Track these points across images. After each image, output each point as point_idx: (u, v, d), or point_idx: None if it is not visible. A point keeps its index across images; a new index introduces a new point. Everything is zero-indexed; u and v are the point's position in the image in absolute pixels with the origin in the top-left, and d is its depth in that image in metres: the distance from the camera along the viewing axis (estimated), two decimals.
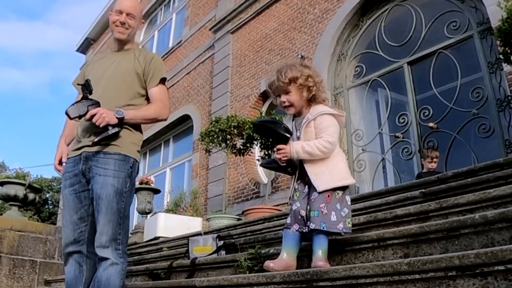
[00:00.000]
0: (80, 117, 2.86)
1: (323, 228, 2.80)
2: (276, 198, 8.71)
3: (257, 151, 8.38)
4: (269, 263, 2.90)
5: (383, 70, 8.41)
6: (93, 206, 2.89)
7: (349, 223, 2.90)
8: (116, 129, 2.87)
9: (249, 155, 8.67)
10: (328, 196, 2.89)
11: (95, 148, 2.92)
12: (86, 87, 2.92)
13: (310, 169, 2.96)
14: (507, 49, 5.17)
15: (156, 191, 9.89)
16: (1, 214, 9.10)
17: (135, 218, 13.77)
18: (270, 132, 3.09)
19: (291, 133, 3.03)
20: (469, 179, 3.60)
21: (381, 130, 8.49)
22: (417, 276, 1.92)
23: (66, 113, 2.88)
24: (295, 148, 2.94)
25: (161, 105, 3.14)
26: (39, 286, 7.75)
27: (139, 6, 3.44)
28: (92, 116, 2.78)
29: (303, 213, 2.92)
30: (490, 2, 6.53)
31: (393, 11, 8.55)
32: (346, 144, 8.54)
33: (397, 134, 7.96)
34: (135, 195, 9.95)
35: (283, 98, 3.06)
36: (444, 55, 7.53)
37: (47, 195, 31.04)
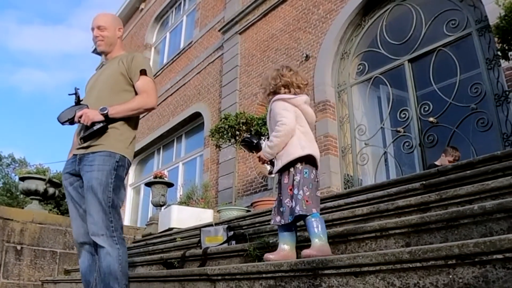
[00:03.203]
0: (69, 121, 3.03)
1: (289, 220, 2.92)
2: None
3: (264, 145, 8.37)
4: (268, 255, 2.94)
5: (385, 68, 8.39)
6: None
7: (304, 205, 2.89)
8: (101, 124, 2.96)
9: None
10: (289, 188, 2.97)
11: (85, 150, 3.05)
12: (75, 95, 3.10)
13: (275, 161, 3.12)
14: (504, 45, 5.14)
15: (169, 185, 9.92)
16: (23, 208, 9.16)
17: (150, 210, 13.86)
18: (248, 146, 3.37)
19: (259, 139, 3.38)
20: (468, 172, 3.58)
21: (383, 125, 8.47)
22: (418, 265, 1.91)
23: (57, 119, 3.02)
24: (263, 150, 3.17)
25: (145, 95, 3.19)
26: (59, 275, 7.80)
27: (110, 16, 3.52)
28: (80, 117, 2.95)
29: (275, 209, 3.11)
30: (488, 0, 6.49)
31: (394, 11, 8.52)
32: (349, 139, 8.55)
33: (398, 129, 7.94)
34: (149, 188, 10.02)
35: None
36: (443, 52, 7.50)
37: None
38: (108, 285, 2.80)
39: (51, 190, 9.03)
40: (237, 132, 7.94)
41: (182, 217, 8.09)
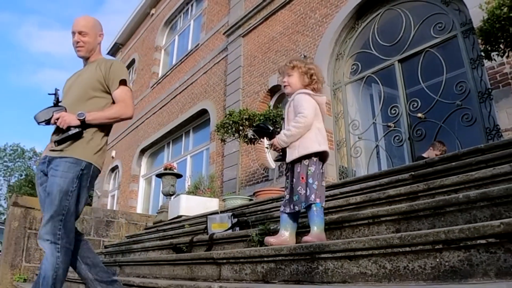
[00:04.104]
0: (46, 121, 2.80)
1: (303, 207, 2.92)
2: (283, 181, 8.54)
3: (265, 140, 8.39)
4: (269, 239, 2.96)
5: (377, 67, 8.36)
6: None
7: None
8: (77, 130, 2.76)
9: (259, 143, 8.69)
10: (302, 176, 2.98)
11: (55, 153, 2.82)
12: (54, 96, 2.88)
13: (287, 149, 3.09)
14: (487, 47, 5.13)
15: (178, 176, 9.93)
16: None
17: (160, 199, 13.89)
18: (262, 133, 3.37)
19: (273, 127, 3.30)
20: (453, 163, 3.57)
21: (375, 120, 8.46)
22: (407, 249, 1.90)
23: (34, 118, 2.81)
24: (279, 137, 3.10)
25: (123, 105, 2.96)
26: None
27: (91, 21, 3.20)
28: (56, 120, 2.75)
29: (287, 197, 3.10)
30: (472, 4, 6.48)
31: (385, 15, 8.49)
32: (344, 133, 8.55)
33: (389, 124, 7.93)
34: (159, 179, 10.03)
35: (285, 78, 3.27)
36: (431, 53, 7.48)
37: None
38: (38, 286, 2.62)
39: None
40: (241, 127, 7.95)
41: (190, 205, 8.11)
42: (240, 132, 7.98)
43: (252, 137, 7.88)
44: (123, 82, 3.01)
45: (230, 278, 2.97)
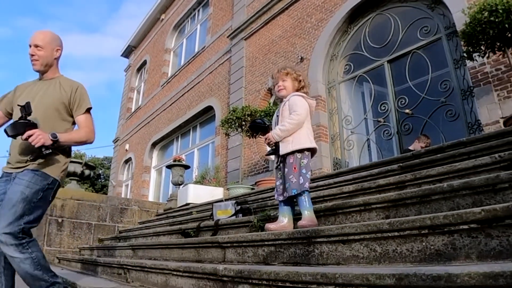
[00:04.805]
0: (17, 135, 2.58)
1: (294, 193, 2.98)
2: None
3: (275, 129, 8.38)
4: (269, 225, 2.99)
5: (368, 67, 8.34)
6: None
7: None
8: (50, 150, 2.61)
9: (260, 137, 8.67)
10: (294, 167, 3.06)
11: (21, 169, 2.67)
12: (25, 109, 2.58)
13: (281, 143, 3.17)
14: (470, 48, 5.11)
15: (186, 167, 9.94)
16: (63, 187, 9.20)
17: (170, 188, 13.91)
18: (257, 128, 3.42)
19: (269, 123, 3.38)
20: (438, 155, 3.56)
21: (366, 116, 8.44)
22: (396, 234, 1.90)
23: (5, 131, 2.58)
24: (273, 132, 3.20)
25: (88, 130, 2.87)
26: (94, 243, 7.85)
27: (49, 35, 2.93)
28: (29, 136, 2.52)
29: (281, 187, 3.14)
30: (455, 9, 6.45)
31: (376, 19, 8.45)
32: (338, 128, 8.54)
33: (379, 119, 7.92)
34: (169, 170, 10.04)
35: (280, 83, 3.37)
36: (417, 54, 7.45)
37: (100, 171, 31.36)
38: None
39: (87, 172, 9.08)
40: (243, 123, 7.94)
41: (197, 194, 8.11)
42: (243, 127, 7.97)
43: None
44: (88, 110, 2.93)
45: (234, 260, 2.97)
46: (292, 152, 3.09)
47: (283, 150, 3.13)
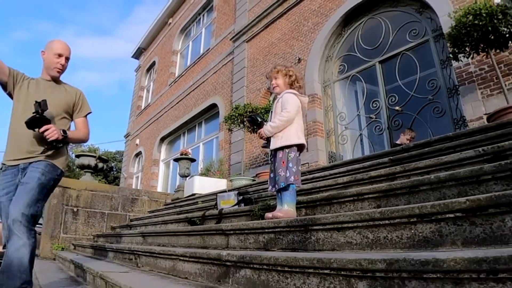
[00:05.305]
0: (34, 128, 2.63)
1: (282, 185, 3.00)
2: None
3: (266, 125, 8.38)
4: (268, 214, 2.98)
5: (360, 68, 8.31)
6: None
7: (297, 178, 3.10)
8: (61, 144, 2.77)
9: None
10: (283, 161, 3.07)
11: (32, 159, 2.70)
12: (41, 106, 2.63)
13: (272, 139, 3.18)
14: (455, 49, 5.10)
15: (192, 160, 9.95)
16: (78, 179, 9.22)
17: (177, 180, 13.91)
18: (253, 122, 3.40)
19: (262, 119, 3.36)
20: (426, 149, 3.55)
21: (359, 112, 8.43)
22: (386, 222, 1.89)
23: (26, 123, 2.60)
24: (265, 128, 3.21)
25: (87, 131, 3.04)
26: (107, 230, 7.86)
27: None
28: (45, 130, 2.61)
29: (274, 179, 3.15)
30: (442, 13, 6.43)
31: (368, 22, 8.42)
32: (332, 123, 8.53)
33: (371, 116, 7.90)
34: (176, 163, 10.04)
35: (273, 81, 3.36)
36: (407, 55, 7.43)
37: (112, 164, 31.35)
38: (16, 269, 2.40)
39: (100, 165, 9.08)
40: (245, 119, 7.93)
41: (202, 185, 8.12)
42: (245, 123, 7.97)
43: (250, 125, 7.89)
44: (87, 114, 3.09)
45: (237, 246, 2.97)
46: (281, 148, 3.11)
47: (273, 145, 3.15)
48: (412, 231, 1.80)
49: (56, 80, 3.00)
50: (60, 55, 2.92)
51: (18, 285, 2.32)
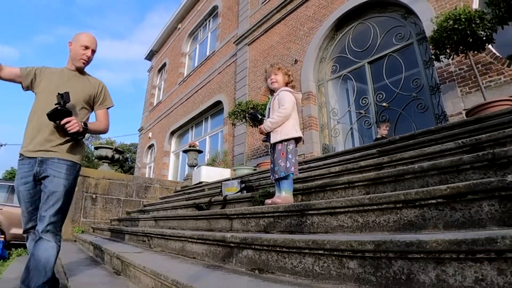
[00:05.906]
0: (55, 119, 2.41)
1: (282, 175, 3.00)
2: None
3: (266, 121, 8.37)
4: (268, 200, 2.98)
5: (351, 68, 8.27)
6: (40, 200, 2.44)
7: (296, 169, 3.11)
8: (81, 136, 2.55)
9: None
10: (282, 153, 3.07)
11: (50, 154, 2.48)
12: (63, 98, 2.42)
13: (271, 133, 3.17)
14: (437, 51, 5.07)
15: (200, 152, 9.93)
16: (97, 168, 9.22)
17: (186, 170, 13.93)
18: (253, 119, 3.33)
19: (263, 116, 3.31)
20: (410, 141, 3.54)
21: (350, 108, 8.41)
22: (375, 207, 1.89)
23: (48, 115, 2.39)
24: (265, 124, 3.20)
25: (107, 123, 2.80)
26: (123, 215, 7.88)
27: None
28: (67, 122, 2.42)
29: (274, 169, 3.14)
30: (425, 18, 6.39)
31: (358, 27, 8.36)
32: (326, 118, 8.51)
33: (361, 111, 7.88)
34: (185, 154, 10.03)
35: (273, 76, 3.33)
36: (393, 56, 7.39)
37: (127, 155, 31.33)
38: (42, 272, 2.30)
39: (116, 156, 9.07)
40: (247, 117, 7.92)
41: (208, 174, 8.12)
42: (247, 119, 7.96)
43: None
44: (108, 107, 2.87)
45: (239, 229, 2.97)
46: (280, 141, 3.11)
47: (272, 139, 3.14)
48: (398, 215, 1.79)
49: (80, 70, 2.80)
50: (86, 47, 2.73)
51: (44, 281, 2.30)
